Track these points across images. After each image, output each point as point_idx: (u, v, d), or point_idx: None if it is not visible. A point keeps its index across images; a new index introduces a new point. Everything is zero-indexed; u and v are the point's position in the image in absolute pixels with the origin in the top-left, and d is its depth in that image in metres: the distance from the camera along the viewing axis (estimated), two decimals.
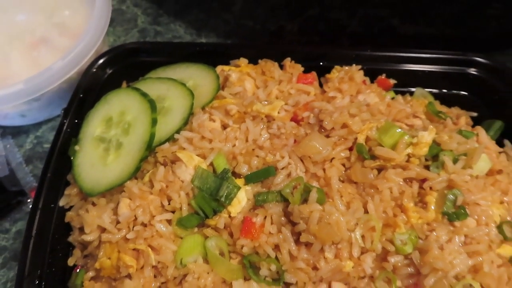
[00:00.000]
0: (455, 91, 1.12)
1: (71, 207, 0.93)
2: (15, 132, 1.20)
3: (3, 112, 1.13)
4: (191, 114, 0.92)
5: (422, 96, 1.10)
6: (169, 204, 0.84)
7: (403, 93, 1.07)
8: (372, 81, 1.07)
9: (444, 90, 1.12)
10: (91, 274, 0.85)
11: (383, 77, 1.07)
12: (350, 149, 0.89)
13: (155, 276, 0.81)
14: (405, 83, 1.08)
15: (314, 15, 1.41)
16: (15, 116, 1.15)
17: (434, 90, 1.11)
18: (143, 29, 1.39)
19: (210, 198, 0.82)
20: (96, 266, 0.83)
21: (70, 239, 0.91)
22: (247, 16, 1.41)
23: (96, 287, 0.83)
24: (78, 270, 0.87)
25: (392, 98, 1.03)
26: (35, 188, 1.10)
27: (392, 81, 1.08)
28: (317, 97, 0.98)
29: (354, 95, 0.98)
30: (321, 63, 1.08)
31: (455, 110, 1.07)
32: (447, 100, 1.09)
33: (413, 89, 1.10)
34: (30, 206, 1.06)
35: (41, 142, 1.19)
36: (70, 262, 0.89)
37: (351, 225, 0.77)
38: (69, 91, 1.17)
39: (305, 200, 0.80)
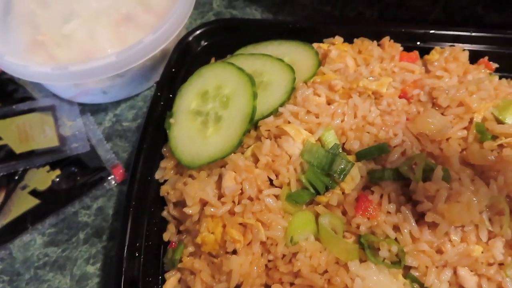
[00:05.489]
0: None
1: (165, 181, 0.90)
2: (94, 109, 1.19)
3: (86, 88, 1.12)
4: (293, 89, 0.88)
5: None
6: (276, 178, 0.80)
7: (506, 78, 1.01)
8: (472, 64, 1.01)
9: None
10: (190, 249, 0.81)
11: (485, 60, 1.01)
12: (466, 129, 0.83)
13: (262, 254, 0.76)
14: (510, 67, 1.02)
15: (394, 2, 1.36)
16: (97, 92, 1.14)
17: None
18: (218, 13, 1.37)
19: (321, 173, 0.78)
20: (198, 241, 0.79)
21: (164, 213, 0.88)
22: (325, 1, 1.37)
23: (195, 263, 0.79)
24: (176, 245, 0.84)
25: None
26: (116, 165, 1.08)
27: (494, 65, 1.02)
28: (423, 76, 0.92)
29: (461, 76, 0.93)
30: (418, 43, 1.03)
31: None
32: None
33: None
34: (112, 183, 1.06)
35: (120, 120, 1.17)
36: (166, 237, 0.86)
37: (482, 206, 0.72)
38: (152, 70, 1.16)
39: (426, 179, 0.75)
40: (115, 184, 1.06)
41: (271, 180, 0.81)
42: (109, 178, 1.06)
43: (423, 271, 0.72)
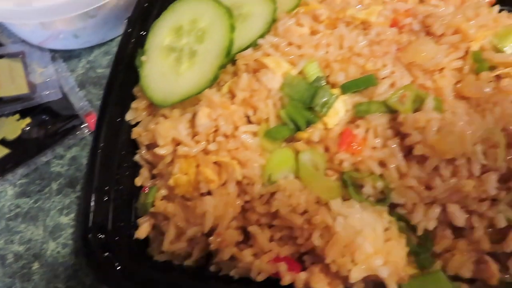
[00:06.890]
0: None
1: (137, 123, 0.84)
2: (66, 56, 1.11)
3: (56, 31, 1.04)
4: (274, 20, 0.81)
5: None
6: (254, 114, 0.73)
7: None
8: None
9: None
10: (163, 192, 0.76)
11: None
12: (461, 59, 0.76)
13: (238, 195, 0.71)
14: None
15: None
16: (68, 36, 1.06)
17: None
18: None
19: (303, 107, 0.72)
20: (170, 183, 0.73)
21: (137, 157, 0.82)
22: None
23: (168, 207, 0.74)
24: (148, 189, 0.78)
25: None
26: (90, 113, 1.02)
27: None
28: (416, 5, 0.84)
29: (458, 6, 0.85)
30: None
31: None
32: None
33: None
34: (86, 131, 1.00)
35: (94, 67, 1.10)
36: (138, 182, 0.80)
37: (475, 138, 0.66)
38: (126, 11, 1.07)
39: (416, 111, 0.69)
40: (89, 133, 1.00)
41: (248, 118, 0.74)
42: (82, 126, 1.00)
43: (410, 208, 0.67)
